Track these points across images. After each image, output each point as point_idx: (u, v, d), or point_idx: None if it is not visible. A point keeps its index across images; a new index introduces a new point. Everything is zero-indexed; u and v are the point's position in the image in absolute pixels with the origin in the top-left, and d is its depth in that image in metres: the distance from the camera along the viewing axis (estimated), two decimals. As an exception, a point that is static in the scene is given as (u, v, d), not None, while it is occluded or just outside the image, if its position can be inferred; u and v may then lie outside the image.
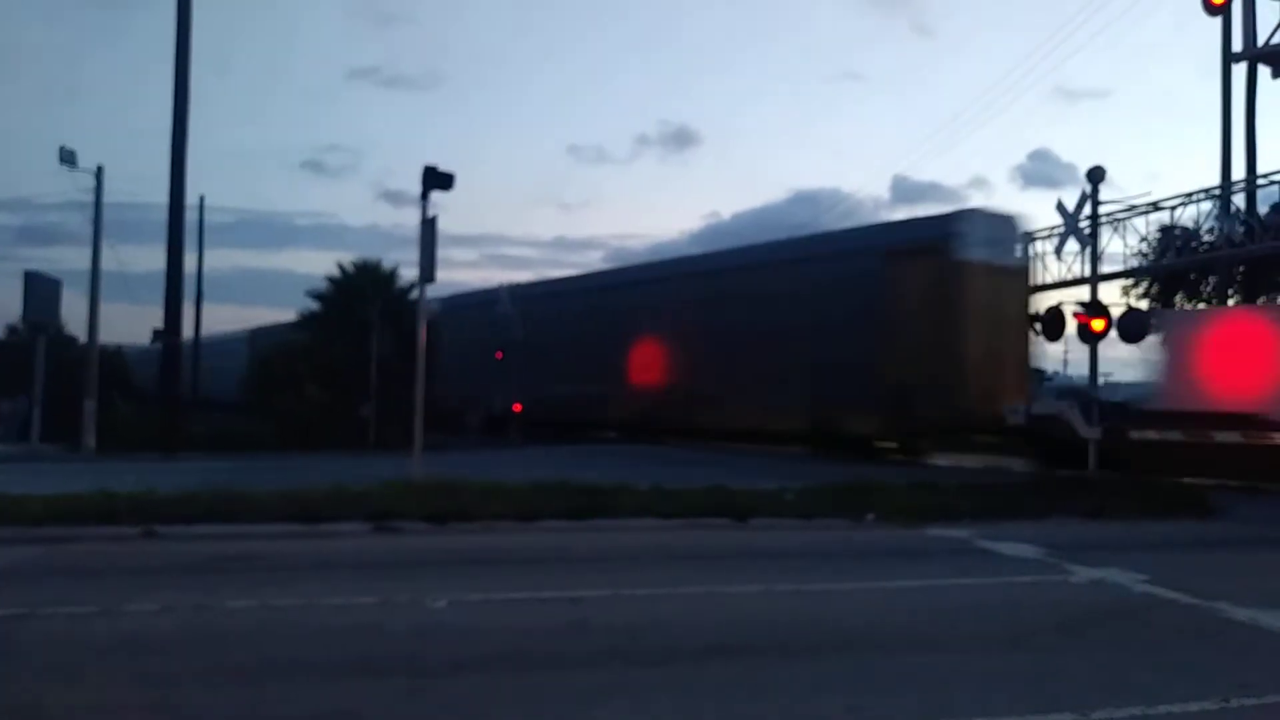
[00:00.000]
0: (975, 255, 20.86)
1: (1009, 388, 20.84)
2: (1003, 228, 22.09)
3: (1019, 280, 22.29)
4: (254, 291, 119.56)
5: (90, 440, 25.15)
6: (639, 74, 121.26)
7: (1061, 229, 17.99)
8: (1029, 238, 23.35)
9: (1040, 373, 27.05)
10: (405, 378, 23.33)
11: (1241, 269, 25.16)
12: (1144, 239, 24.89)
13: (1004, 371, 20.87)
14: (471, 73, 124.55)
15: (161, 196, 25.77)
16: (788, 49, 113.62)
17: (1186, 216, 25.00)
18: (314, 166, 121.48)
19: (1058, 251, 17.37)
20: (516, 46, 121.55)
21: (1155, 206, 23.03)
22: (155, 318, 27.32)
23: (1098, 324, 15.94)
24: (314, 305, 33.51)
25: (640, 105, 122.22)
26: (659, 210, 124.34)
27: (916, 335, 21.90)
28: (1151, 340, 17.58)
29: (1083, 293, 18.16)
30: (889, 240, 23.83)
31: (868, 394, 22.65)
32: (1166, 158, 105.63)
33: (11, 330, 39.02)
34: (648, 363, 30.72)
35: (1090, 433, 15.85)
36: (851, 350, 23.22)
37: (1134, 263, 25.24)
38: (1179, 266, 25.77)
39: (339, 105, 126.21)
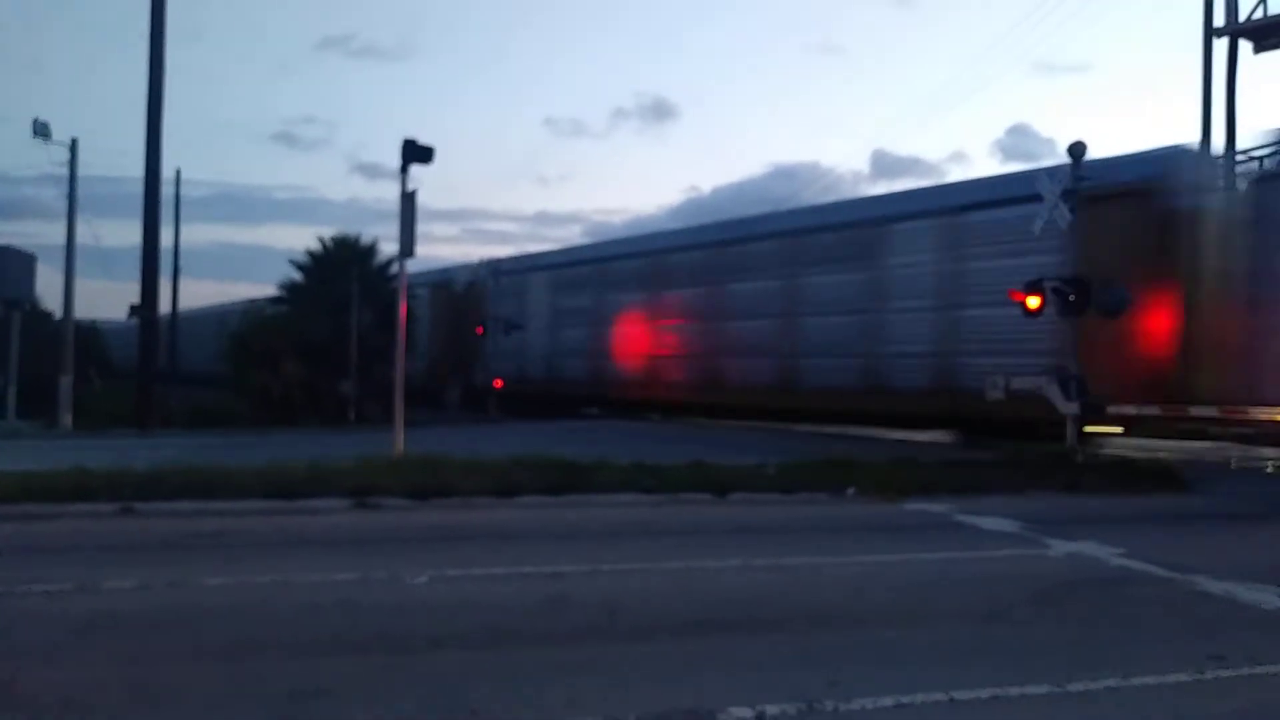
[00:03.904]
0: (1189, 201, 17.25)
1: (1230, 358, 17.09)
2: (1211, 169, 18.75)
3: (1233, 231, 18.01)
4: (233, 266, 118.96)
5: (66, 417, 24.97)
6: (614, 44, 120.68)
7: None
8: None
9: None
10: (385, 353, 23.33)
11: None
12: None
13: (1227, 339, 17.05)
14: (444, 42, 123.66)
15: (137, 170, 25.50)
16: (765, 19, 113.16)
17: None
18: (287, 139, 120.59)
19: (1037, 228, 17.29)
20: (489, 15, 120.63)
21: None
22: (132, 293, 27.11)
23: (1033, 301, 16.00)
24: (295, 278, 33.21)
25: (616, 77, 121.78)
26: (638, 184, 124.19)
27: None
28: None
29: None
30: (1081, 184, 18.31)
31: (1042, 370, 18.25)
32: (1146, 133, 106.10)
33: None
34: (708, 341, 27.10)
35: (1068, 408, 15.93)
36: (1020, 318, 18.49)
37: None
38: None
39: (310, 76, 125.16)
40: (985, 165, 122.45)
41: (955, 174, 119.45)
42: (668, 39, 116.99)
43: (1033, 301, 16.05)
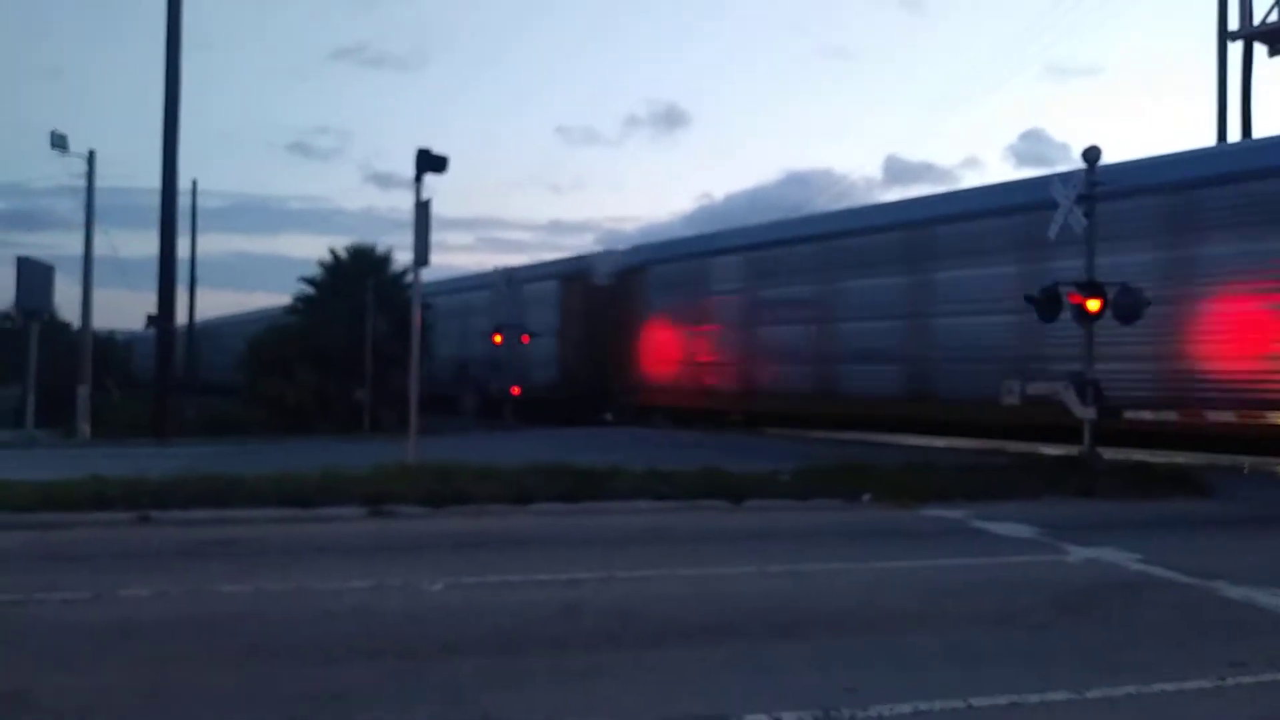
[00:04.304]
0: None
1: None
2: None
3: None
4: (250, 276, 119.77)
5: (84, 426, 25.11)
6: (625, 52, 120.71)
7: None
8: None
9: None
10: (400, 361, 23.41)
11: None
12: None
13: None
14: (456, 51, 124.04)
15: (154, 181, 25.64)
16: (775, 25, 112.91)
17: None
18: (302, 149, 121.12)
19: (1052, 233, 17.23)
20: (500, 23, 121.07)
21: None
22: (150, 303, 27.29)
23: (1093, 304, 15.86)
24: (308, 289, 33.39)
25: (628, 84, 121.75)
26: (651, 192, 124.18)
27: None
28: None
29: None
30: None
31: None
32: (1160, 136, 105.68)
33: (4, 316, 38.90)
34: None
35: (1085, 413, 15.84)
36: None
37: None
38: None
39: (323, 86, 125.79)
40: (999, 170, 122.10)
41: (969, 179, 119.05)
42: (679, 46, 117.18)
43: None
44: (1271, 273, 16.65)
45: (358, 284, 30.05)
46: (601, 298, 31.97)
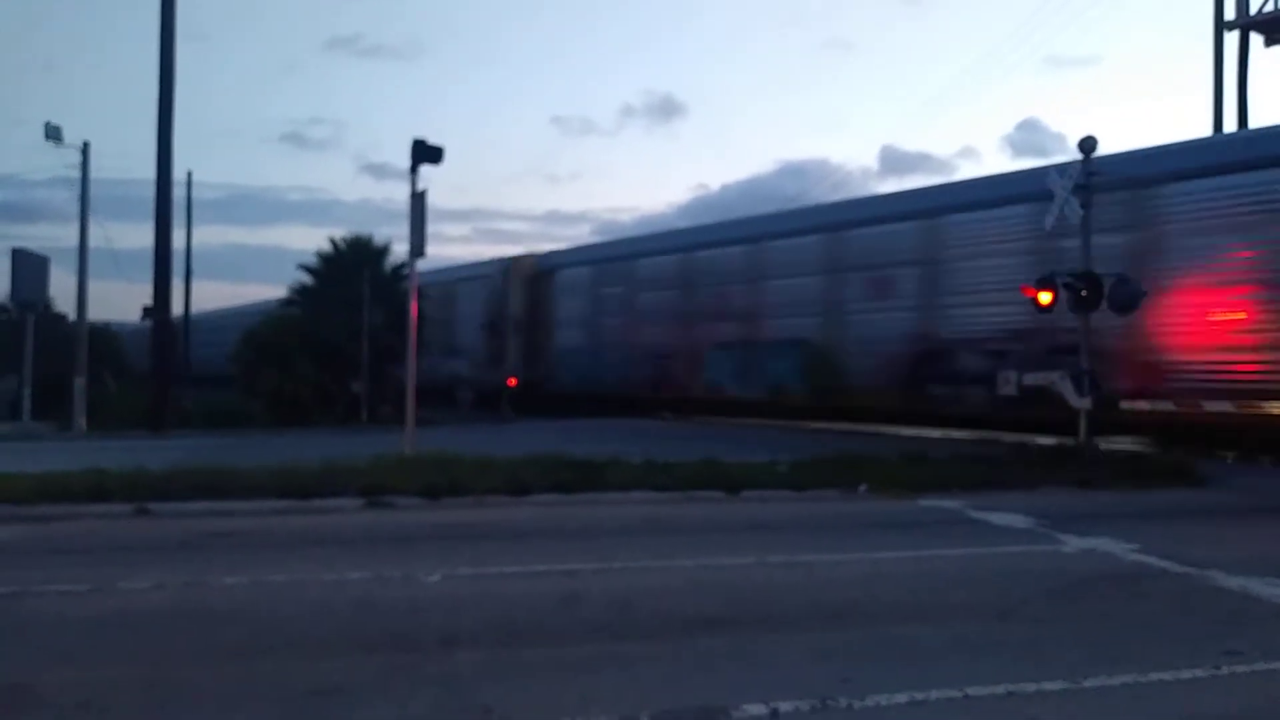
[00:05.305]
0: None
1: None
2: None
3: None
4: (247, 268, 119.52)
5: (81, 419, 25.08)
6: (622, 42, 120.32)
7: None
8: None
9: None
10: (397, 353, 23.36)
11: None
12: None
13: None
14: (451, 41, 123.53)
15: (149, 172, 25.59)
16: (773, 15, 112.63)
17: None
18: (296, 140, 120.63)
19: (1048, 224, 17.21)
20: (496, 13, 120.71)
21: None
22: (145, 295, 27.27)
23: (1045, 297, 15.92)
24: (305, 280, 33.26)
25: (624, 75, 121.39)
26: (647, 182, 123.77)
27: None
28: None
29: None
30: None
31: None
32: (1157, 126, 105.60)
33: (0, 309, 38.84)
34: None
35: (1081, 403, 15.85)
36: None
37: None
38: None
39: (318, 76, 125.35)
40: (995, 161, 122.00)
41: (966, 170, 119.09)
42: (674, 36, 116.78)
43: (1045, 297, 15.97)
44: None
45: (355, 275, 29.97)
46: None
